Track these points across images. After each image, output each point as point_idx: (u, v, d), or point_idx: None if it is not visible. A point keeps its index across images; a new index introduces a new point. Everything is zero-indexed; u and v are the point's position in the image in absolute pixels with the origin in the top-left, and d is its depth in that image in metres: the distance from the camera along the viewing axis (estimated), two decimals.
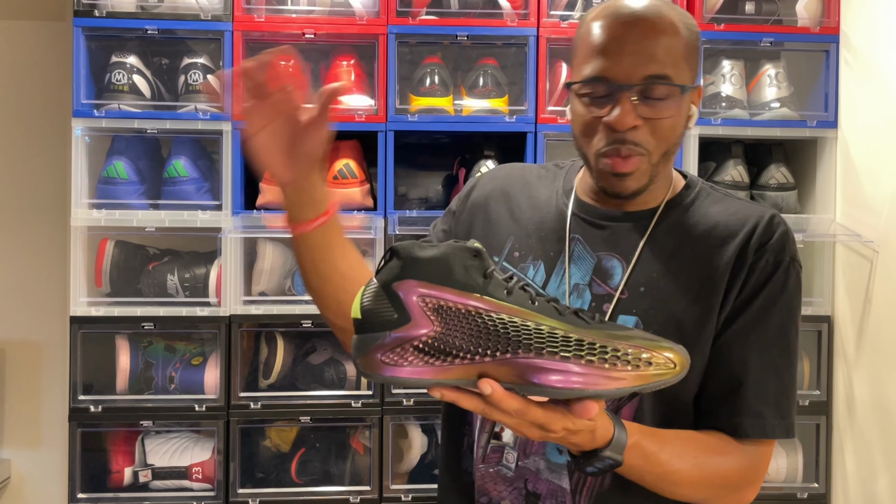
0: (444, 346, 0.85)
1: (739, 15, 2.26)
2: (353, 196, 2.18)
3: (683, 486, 1.06)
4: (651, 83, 1.05)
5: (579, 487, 1.11)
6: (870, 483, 2.09)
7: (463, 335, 0.85)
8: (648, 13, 1.06)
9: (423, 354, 0.85)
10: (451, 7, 2.23)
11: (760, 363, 1.09)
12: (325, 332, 2.28)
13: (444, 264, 0.86)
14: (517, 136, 2.24)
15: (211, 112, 2.18)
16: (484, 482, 1.17)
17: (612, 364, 0.85)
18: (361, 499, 2.18)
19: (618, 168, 1.08)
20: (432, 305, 0.85)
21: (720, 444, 1.09)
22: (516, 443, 1.15)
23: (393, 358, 0.85)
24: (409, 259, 0.86)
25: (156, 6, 2.19)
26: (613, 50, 1.06)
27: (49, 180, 2.62)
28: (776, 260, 1.10)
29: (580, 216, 1.18)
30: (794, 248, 1.12)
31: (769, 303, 1.10)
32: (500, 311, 0.85)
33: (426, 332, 0.85)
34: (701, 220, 1.14)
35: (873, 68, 2.14)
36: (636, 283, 1.11)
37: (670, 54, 1.06)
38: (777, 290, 1.10)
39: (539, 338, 0.85)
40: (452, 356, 0.85)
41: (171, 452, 2.20)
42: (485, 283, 0.86)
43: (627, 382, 0.86)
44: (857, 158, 2.18)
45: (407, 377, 0.85)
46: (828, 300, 2.25)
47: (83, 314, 2.16)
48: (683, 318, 1.09)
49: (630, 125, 1.05)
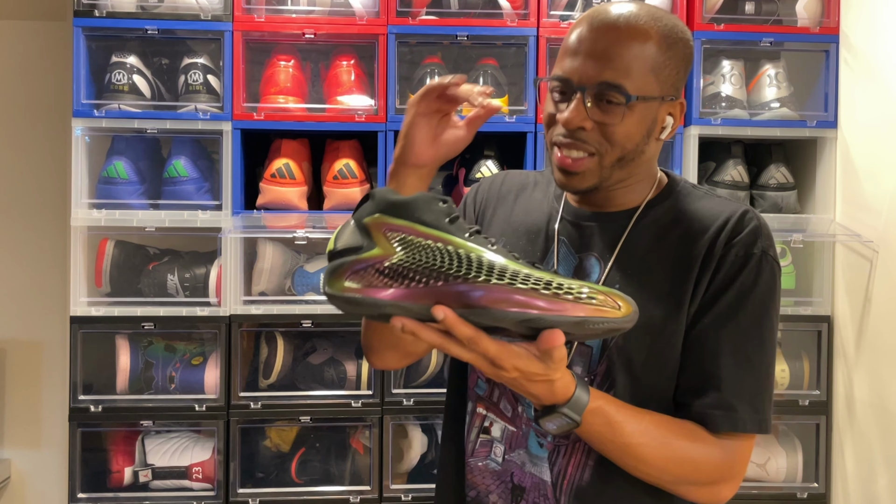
0: (403, 270, 0.93)
1: (739, 15, 2.26)
2: (353, 196, 2.18)
3: (648, 464, 1.06)
4: (603, 89, 1.07)
5: (559, 480, 1.13)
6: (870, 483, 2.09)
7: (420, 263, 0.93)
8: (621, 21, 1.09)
9: (383, 276, 0.94)
10: (451, 7, 2.23)
11: (733, 357, 1.09)
12: (325, 332, 2.28)
13: (414, 206, 0.96)
14: (517, 136, 2.24)
15: (211, 112, 2.18)
16: (473, 476, 1.20)
17: (555, 294, 0.91)
18: (361, 499, 2.18)
19: (565, 165, 1.12)
20: (398, 238, 0.95)
21: (692, 431, 1.09)
22: (503, 437, 1.17)
23: (356, 279, 0.94)
24: (381, 201, 0.97)
25: (156, 6, 2.19)
26: (578, 52, 1.10)
27: (49, 180, 2.62)
28: (746, 254, 1.10)
29: (566, 219, 1.21)
30: (766, 242, 1.12)
31: (741, 296, 1.10)
32: (457, 247, 0.94)
33: (389, 257, 0.94)
34: (677, 217, 1.16)
35: (873, 68, 2.14)
36: (612, 282, 1.13)
37: (633, 64, 1.07)
38: (749, 284, 1.10)
39: (489, 271, 0.92)
40: (409, 279, 0.93)
41: (171, 452, 2.20)
42: (447, 224, 0.96)
43: (568, 311, 0.91)
44: (857, 158, 2.18)
45: (366, 296, 0.94)
46: (828, 300, 2.25)
47: (83, 314, 2.16)
48: (654, 313, 1.09)
49: (576, 125, 1.09)
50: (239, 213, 2.18)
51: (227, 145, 2.17)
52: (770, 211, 2.25)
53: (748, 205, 1.19)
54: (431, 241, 0.94)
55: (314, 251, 2.31)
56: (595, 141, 1.09)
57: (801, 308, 2.25)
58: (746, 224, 1.12)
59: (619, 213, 1.18)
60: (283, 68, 2.23)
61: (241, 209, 2.20)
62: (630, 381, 1.10)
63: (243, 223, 2.17)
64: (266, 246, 2.23)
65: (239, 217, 2.17)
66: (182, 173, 2.19)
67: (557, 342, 0.92)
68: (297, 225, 2.18)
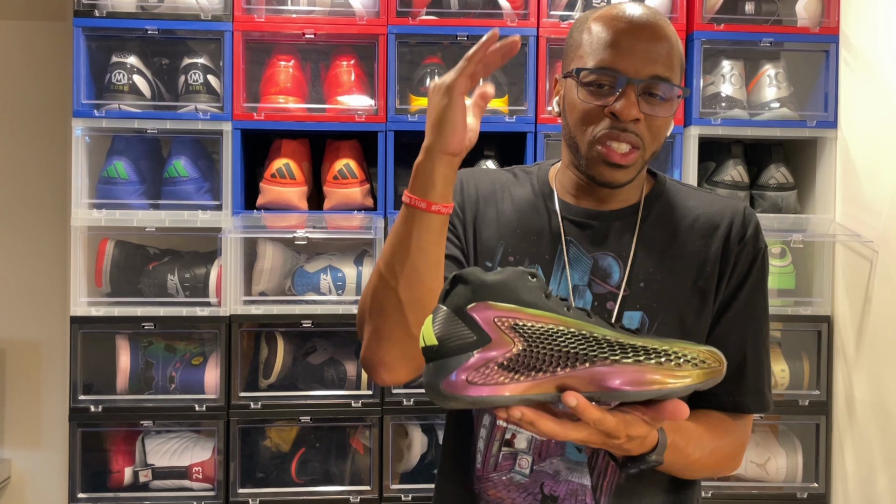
0: (528, 360, 0.87)
1: (739, 15, 2.26)
2: (353, 196, 2.18)
3: (699, 471, 1.15)
4: (656, 81, 1.09)
5: (600, 483, 1.15)
6: (870, 483, 2.09)
7: (542, 350, 0.87)
8: (655, 19, 1.13)
9: (508, 371, 0.87)
10: (451, 7, 2.23)
11: (754, 346, 1.19)
12: (325, 332, 2.28)
13: (511, 287, 0.89)
14: (517, 136, 2.24)
15: (211, 112, 2.18)
16: (497, 490, 1.17)
17: (678, 364, 0.89)
18: (361, 499, 2.18)
19: (615, 159, 1.10)
20: (509, 324, 0.88)
21: (724, 425, 1.17)
22: (530, 447, 1.16)
23: (478, 377, 0.87)
24: (477, 284, 0.89)
25: (156, 6, 2.19)
26: (625, 45, 1.10)
27: (49, 180, 2.62)
28: (755, 250, 1.19)
29: (568, 217, 1.19)
30: (764, 237, 1.22)
31: (753, 289, 1.18)
32: (568, 326, 0.88)
33: (509, 349, 0.87)
34: (683, 213, 1.20)
35: (873, 68, 2.14)
36: (636, 280, 1.15)
37: (671, 59, 1.12)
38: (758, 277, 1.19)
39: (605, 348, 0.88)
40: (536, 370, 0.87)
41: (172, 452, 2.20)
42: (547, 302, 0.90)
43: (692, 380, 0.89)
44: (857, 158, 2.18)
45: (494, 395, 0.87)
46: (828, 300, 2.25)
47: (83, 314, 2.16)
48: (684, 309, 1.15)
49: (634, 116, 1.08)
50: (239, 213, 2.18)
51: (227, 145, 2.17)
52: (770, 211, 2.25)
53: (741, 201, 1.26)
54: (543, 323, 0.88)
55: (314, 251, 2.32)
56: (642, 134, 1.10)
57: (801, 308, 2.25)
58: (750, 221, 1.19)
59: (622, 210, 1.19)
60: (283, 68, 2.23)
61: (241, 209, 2.20)
62: None
63: (243, 223, 2.17)
64: (266, 246, 2.23)
65: (239, 217, 2.17)
66: (182, 173, 2.19)
67: (683, 414, 0.90)
68: (297, 225, 2.18)
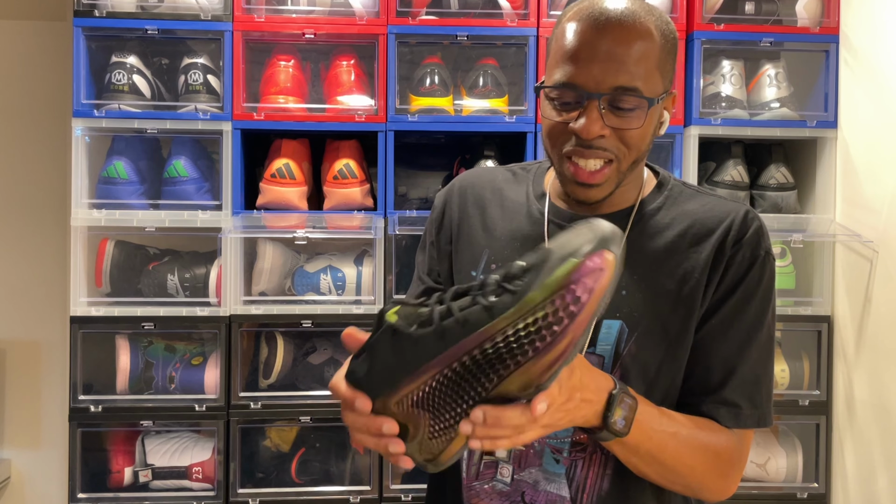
0: (443, 422, 0.85)
1: (739, 15, 2.26)
2: (353, 196, 2.18)
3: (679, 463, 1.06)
4: (619, 94, 1.03)
5: (579, 495, 1.11)
6: (870, 483, 2.09)
7: (443, 408, 0.84)
8: (623, 18, 1.04)
9: (437, 436, 0.86)
10: (451, 7, 2.23)
11: (738, 356, 1.11)
12: (325, 332, 2.28)
13: (382, 363, 0.84)
14: (517, 136, 2.24)
15: (211, 112, 2.18)
16: (480, 499, 1.16)
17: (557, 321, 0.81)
18: (361, 499, 2.18)
19: (580, 177, 1.07)
20: (408, 404, 0.84)
21: (709, 423, 1.10)
22: (510, 456, 1.15)
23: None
24: (364, 385, 0.85)
25: (156, 6, 2.19)
26: (584, 56, 1.03)
27: (49, 180, 2.62)
28: (752, 255, 1.11)
29: (555, 222, 1.16)
30: (768, 242, 1.13)
31: (746, 297, 1.11)
32: (454, 356, 0.82)
33: (425, 423, 0.85)
34: (676, 218, 1.14)
35: (873, 68, 2.14)
36: (618, 287, 1.10)
37: (642, 63, 1.04)
38: (753, 284, 1.11)
39: (501, 347, 0.82)
40: (454, 421, 0.85)
41: (171, 452, 2.20)
42: (419, 335, 0.83)
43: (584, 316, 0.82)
44: (857, 158, 2.18)
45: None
46: (828, 300, 2.25)
47: (83, 314, 2.16)
48: (669, 318, 1.10)
49: (596, 134, 1.04)
50: (239, 213, 2.18)
51: (227, 145, 2.17)
52: (770, 211, 2.25)
53: (747, 204, 1.17)
54: (423, 383, 0.84)
55: (314, 251, 2.31)
56: (613, 147, 1.05)
57: (801, 308, 2.25)
58: (750, 224, 1.12)
59: (613, 215, 1.12)
60: (283, 68, 2.23)
61: (241, 209, 2.20)
62: (645, 387, 1.09)
63: (243, 223, 2.17)
64: (266, 246, 2.23)
65: (239, 217, 2.17)
66: (182, 173, 2.19)
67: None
68: (297, 225, 2.18)
